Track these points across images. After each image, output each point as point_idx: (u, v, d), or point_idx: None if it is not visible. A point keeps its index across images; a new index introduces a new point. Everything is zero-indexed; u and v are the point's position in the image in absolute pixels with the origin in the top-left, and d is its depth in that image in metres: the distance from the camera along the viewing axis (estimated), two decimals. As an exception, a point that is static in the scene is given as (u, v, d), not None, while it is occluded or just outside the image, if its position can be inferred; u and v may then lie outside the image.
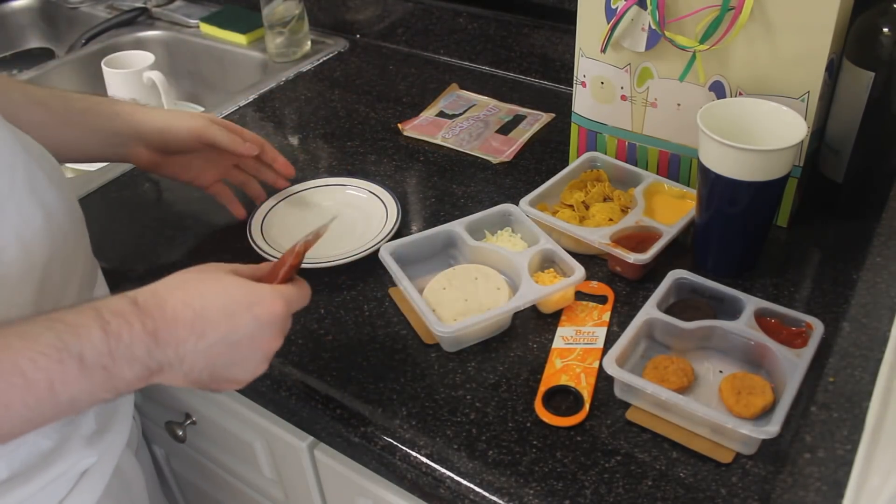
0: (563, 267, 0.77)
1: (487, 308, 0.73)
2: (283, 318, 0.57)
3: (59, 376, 0.46)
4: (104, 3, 1.52)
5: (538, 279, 0.76)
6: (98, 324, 0.49)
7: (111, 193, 0.98)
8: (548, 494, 0.61)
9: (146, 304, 0.52)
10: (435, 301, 0.74)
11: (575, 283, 0.75)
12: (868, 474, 0.39)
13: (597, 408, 0.67)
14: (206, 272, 0.57)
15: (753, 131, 0.76)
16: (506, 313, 0.73)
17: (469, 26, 1.21)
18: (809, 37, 0.74)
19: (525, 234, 0.82)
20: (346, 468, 0.75)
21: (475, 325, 0.71)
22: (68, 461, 0.61)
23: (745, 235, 0.78)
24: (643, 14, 0.81)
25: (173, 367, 0.53)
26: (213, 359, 0.54)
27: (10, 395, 0.45)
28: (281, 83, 1.21)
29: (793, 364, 0.65)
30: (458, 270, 0.78)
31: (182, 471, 1.06)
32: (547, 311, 0.77)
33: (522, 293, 0.73)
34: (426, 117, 1.10)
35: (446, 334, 0.70)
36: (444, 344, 0.73)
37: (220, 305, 0.54)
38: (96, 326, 0.49)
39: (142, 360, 0.50)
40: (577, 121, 0.94)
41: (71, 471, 0.62)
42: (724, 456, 0.63)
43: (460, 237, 0.81)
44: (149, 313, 0.51)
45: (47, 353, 0.46)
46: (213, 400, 0.86)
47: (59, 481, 0.61)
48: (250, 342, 0.56)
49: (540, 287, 0.74)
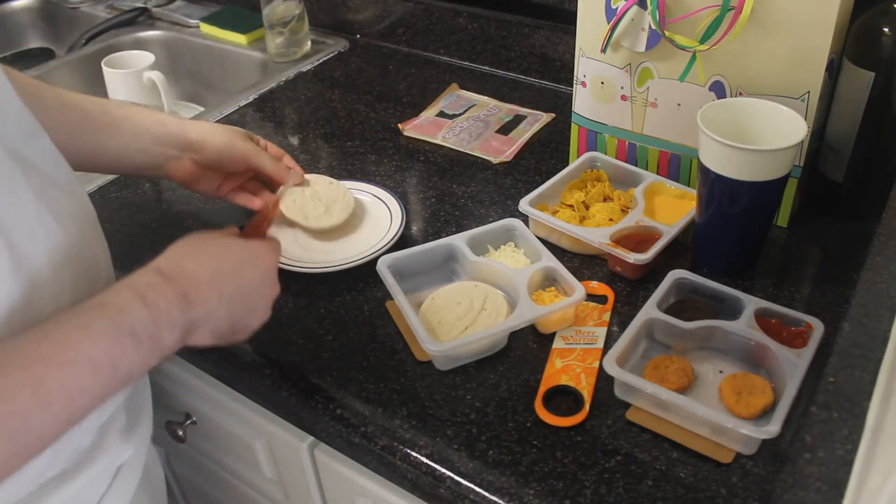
0: (565, 286, 0.75)
1: (486, 328, 0.71)
2: (275, 269, 0.66)
3: (118, 355, 0.51)
4: (104, 3, 1.52)
5: (538, 298, 0.75)
6: (138, 300, 0.53)
7: (111, 193, 0.98)
8: (548, 494, 0.61)
9: (171, 273, 0.57)
10: (433, 319, 0.73)
11: (574, 303, 0.73)
12: (868, 474, 0.39)
13: (597, 408, 0.67)
14: (205, 238, 0.63)
15: (753, 131, 0.76)
16: (501, 333, 0.71)
17: (469, 26, 1.21)
18: (809, 37, 0.74)
19: (528, 249, 0.80)
20: (346, 468, 0.75)
21: (468, 345, 0.70)
22: (108, 457, 0.64)
23: (745, 235, 0.78)
24: (643, 14, 0.81)
25: (203, 325, 0.58)
26: (232, 310, 0.60)
27: (84, 380, 0.50)
28: (281, 83, 1.21)
29: (793, 364, 0.65)
30: (455, 288, 0.76)
31: (182, 471, 1.06)
32: (545, 331, 0.74)
33: (519, 313, 0.72)
34: (426, 117, 1.10)
35: (438, 353, 0.69)
36: (437, 362, 0.72)
37: (230, 262, 0.61)
38: (138, 303, 0.53)
39: (179, 324, 0.56)
40: (578, 121, 0.94)
41: (111, 466, 0.65)
42: (724, 456, 0.63)
43: (461, 251, 0.79)
44: (175, 279, 0.56)
45: (105, 336, 0.51)
46: (213, 400, 0.86)
47: (100, 477, 0.64)
48: (259, 291, 0.64)
49: (537, 307, 0.72)
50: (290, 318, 0.78)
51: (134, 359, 0.52)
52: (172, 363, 0.88)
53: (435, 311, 0.73)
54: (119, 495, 0.66)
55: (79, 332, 0.50)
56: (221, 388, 0.81)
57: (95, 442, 0.63)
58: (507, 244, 0.82)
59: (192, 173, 0.82)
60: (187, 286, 0.57)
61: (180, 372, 0.88)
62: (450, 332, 0.71)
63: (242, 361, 0.74)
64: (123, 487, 0.67)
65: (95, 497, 0.64)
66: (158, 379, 0.93)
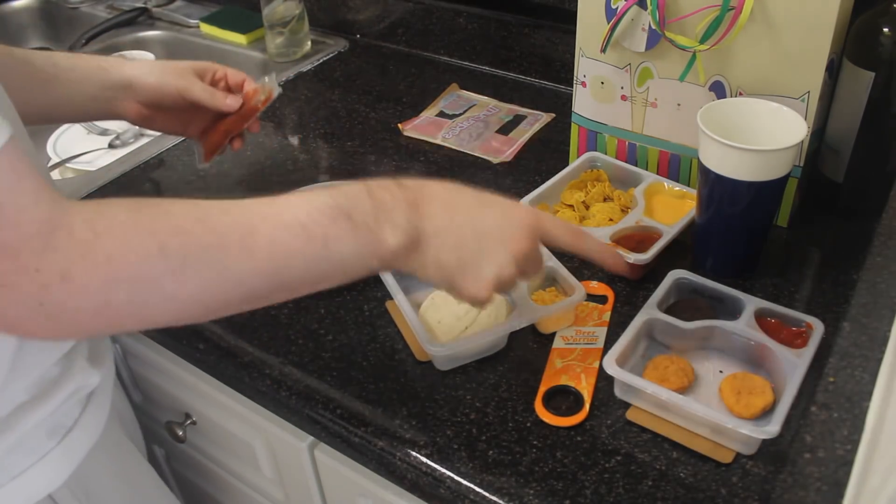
0: (565, 286, 0.75)
1: (486, 328, 0.71)
2: (532, 227, 0.60)
3: (332, 232, 0.52)
4: (104, 3, 1.52)
5: (538, 298, 0.75)
6: (364, 190, 0.55)
7: (111, 194, 0.98)
8: (548, 494, 0.61)
9: (408, 184, 0.58)
10: (433, 319, 0.73)
11: (574, 303, 0.73)
12: (868, 474, 0.39)
13: (597, 408, 0.67)
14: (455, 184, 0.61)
15: (753, 131, 0.76)
16: (500, 333, 0.72)
17: (469, 26, 1.21)
18: (809, 37, 0.74)
19: None
20: (346, 468, 0.75)
21: (468, 345, 0.70)
22: (76, 382, 0.67)
23: (745, 235, 0.78)
24: (643, 14, 0.81)
25: (428, 243, 0.57)
26: (461, 240, 0.58)
27: (293, 245, 0.51)
28: (281, 83, 1.21)
29: (793, 364, 0.65)
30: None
31: (182, 471, 1.06)
32: (545, 331, 0.75)
33: (519, 313, 0.72)
34: (426, 117, 1.10)
35: (438, 353, 0.70)
36: (437, 363, 0.72)
37: (474, 196, 0.60)
38: (364, 192, 0.54)
39: (402, 227, 0.55)
40: (578, 121, 0.94)
41: (80, 392, 0.68)
42: (724, 456, 0.63)
43: None
44: (410, 189, 0.57)
45: (322, 210, 0.52)
46: (213, 400, 0.86)
47: (71, 402, 0.67)
48: (498, 234, 0.59)
49: (537, 307, 0.73)
50: (290, 318, 0.78)
51: (348, 243, 0.53)
52: (172, 363, 0.88)
53: (434, 310, 0.73)
54: (92, 421, 0.70)
55: (301, 201, 0.53)
56: (221, 388, 0.81)
57: (63, 370, 0.66)
58: None
59: (139, 113, 0.84)
60: (420, 197, 0.57)
61: (180, 372, 0.88)
62: (450, 332, 0.71)
63: (242, 361, 0.75)
64: (96, 414, 0.70)
65: (70, 420, 0.68)
66: (159, 379, 0.93)
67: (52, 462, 0.65)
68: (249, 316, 0.78)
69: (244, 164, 1.02)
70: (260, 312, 0.78)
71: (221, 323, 0.78)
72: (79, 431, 0.68)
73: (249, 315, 0.78)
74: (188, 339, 0.78)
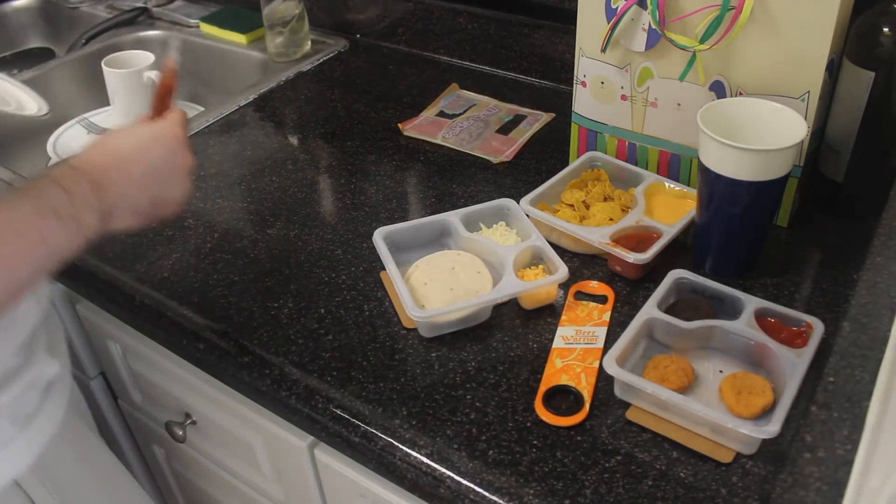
0: (550, 265, 0.77)
1: (474, 292, 0.75)
2: (184, 139, 0.71)
3: (45, 229, 0.58)
4: (104, 3, 1.52)
5: (523, 275, 0.77)
6: (55, 185, 0.60)
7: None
8: (548, 494, 0.61)
9: (79, 164, 0.64)
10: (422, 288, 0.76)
11: (556, 281, 0.75)
12: (868, 474, 0.39)
13: (597, 407, 0.67)
14: (112, 133, 0.69)
15: (753, 131, 0.76)
16: (483, 304, 0.74)
17: (469, 26, 1.21)
18: (809, 37, 0.74)
19: (520, 229, 0.83)
20: (346, 468, 0.75)
21: (451, 313, 0.72)
22: (35, 370, 0.70)
23: (745, 235, 0.78)
24: (643, 14, 0.81)
25: (120, 208, 0.65)
26: (146, 189, 0.67)
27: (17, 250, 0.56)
28: (281, 83, 1.21)
29: (793, 364, 0.65)
30: (436, 257, 0.79)
31: (182, 471, 1.06)
32: (528, 307, 0.77)
33: (502, 286, 0.74)
34: (426, 117, 1.10)
35: (421, 319, 0.72)
36: (421, 329, 0.75)
37: (133, 146, 0.67)
38: (57, 188, 0.60)
39: (96, 207, 0.62)
40: (578, 120, 0.94)
41: (39, 381, 0.71)
42: (724, 456, 0.63)
43: (455, 227, 0.82)
44: (83, 169, 0.63)
45: (33, 214, 0.58)
46: (213, 400, 0.86)
47: (31, 391, 0.70)
48: (169, 165, 0.69)
49: (519, 282, 0.75)
50: (290, 318, 0.78)
51: (60, 236, 0.59)
52: (172, 363, 0.88)
53: (420, 275, 0.77)
54: (53, 409, 0.72)
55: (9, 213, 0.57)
56: (221, 388, 0.81)
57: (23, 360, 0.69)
58: (500, 223, 0.85)
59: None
60: (95, 174, 0.63)
61: (180, 372, 0.88)
62: (439, 296, 0.75)
63: (242, 361, 0.75)
64: (55, 404, 0.73)
65: (31, 408, 0.70)
66: (159, 379, 0.93)
67: (15, 448, 0.68)
68: (249, 316, 0.78)
69: (244, 164, 1.02)
70: (260, 312, 0.79)
71: (221, 323, 0.78)
72: (41, 419, 0.70)
73: (249, 315, 0.78)
74: (188, 338, 0.78)
